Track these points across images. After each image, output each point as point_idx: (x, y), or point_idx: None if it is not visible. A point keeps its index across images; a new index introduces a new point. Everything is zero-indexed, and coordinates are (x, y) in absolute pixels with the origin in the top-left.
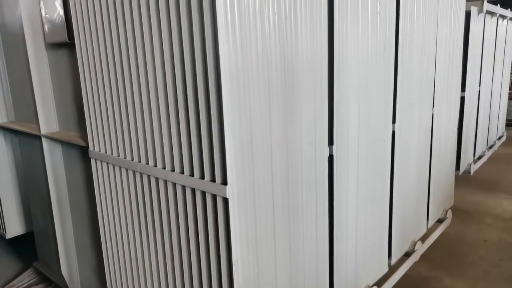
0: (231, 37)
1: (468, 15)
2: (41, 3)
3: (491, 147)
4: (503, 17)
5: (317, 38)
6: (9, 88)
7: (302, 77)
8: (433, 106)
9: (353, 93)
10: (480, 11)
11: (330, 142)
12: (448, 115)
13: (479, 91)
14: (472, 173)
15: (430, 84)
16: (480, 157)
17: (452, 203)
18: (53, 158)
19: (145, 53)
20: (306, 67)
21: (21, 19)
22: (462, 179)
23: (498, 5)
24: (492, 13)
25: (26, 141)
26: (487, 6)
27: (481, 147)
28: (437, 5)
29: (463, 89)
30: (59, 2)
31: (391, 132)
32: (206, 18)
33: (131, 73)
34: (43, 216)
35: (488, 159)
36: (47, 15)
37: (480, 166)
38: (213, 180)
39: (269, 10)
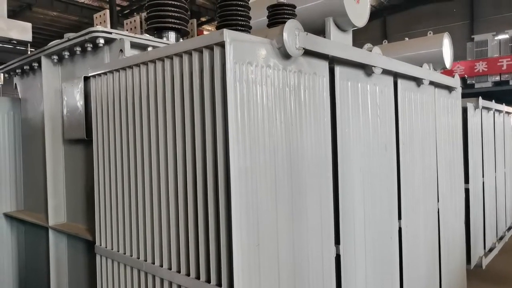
0: (241, 143)
1: (465, 110)
2: (64, 102)
3: (501, 238)
4: (499, 111)
5: (321, 141)
6: (22, 177)
7: (307, 178)
8: (438, 200)
9: (357, 191)
10: (476, 107)
11: (337, 241)
12: (454, 208)
13: (483, 182)
14: (484, 267)
15: (433, 178)
16: (491, 250)
17: None
18: (58, 250)
19: (158, 153)
20: (312, 169)
21: (43, 115)
22: (474, 274)
23: (493, 100)
24: (488, 108)
25: (32, 230)
26: (482, 102)
27: (490, 239)
28: (434, 105)
29: (466, 181)
30: (81, 103)
31: (397, 228)
32: (218, 126)
33: (144, 173)
34: None
35: (500, 251)
36: (68, 113)
37: (492, 259)
38: (219, 284)
39: (276, 118)
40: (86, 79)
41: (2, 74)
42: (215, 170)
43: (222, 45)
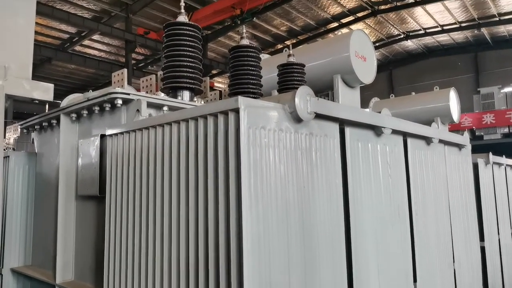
0: (254, 208)
1: (476, 166)
2: (79, 158)
3: None
4: (511, 166)
5: (333, 203)
6: (32, 231)
7: (320, 242)
8: (453, 261)
9: (371, 256)
10: (487, 162)
11: None
12: (471, 268)
13: (499, 240)
14: None
15: (447, 237)
16: None
17: None
18: None
19: (171, 215)
20: (324, 232)
21: (58, 170)
22: None
23: (504, 156)
24: (499, 164)
25: (39, 287)
26: (493, 158)
27: None
28: (444, 162)
29: (481, 238)
30: (96, 160)
31: None
32: (232, 190)
33: (156, 234)
34: None
35: None
36: (83, 170)
37: None
38: None
39: (288, 181)
40: (103, 136)
41: (19, 127)
42: (228, 235)
43: (236, 110)
